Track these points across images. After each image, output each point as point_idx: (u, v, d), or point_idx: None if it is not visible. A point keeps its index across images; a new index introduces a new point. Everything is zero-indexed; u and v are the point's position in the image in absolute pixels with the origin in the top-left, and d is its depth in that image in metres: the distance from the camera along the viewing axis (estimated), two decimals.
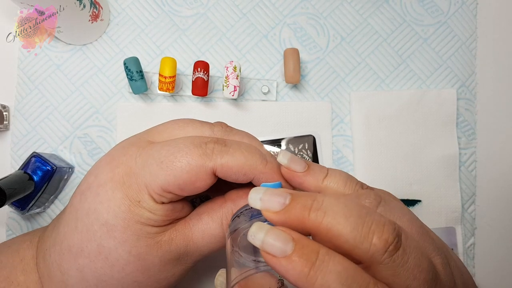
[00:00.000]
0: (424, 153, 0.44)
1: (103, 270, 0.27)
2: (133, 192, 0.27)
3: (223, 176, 0.27)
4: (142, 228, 0.27)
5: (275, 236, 0.20)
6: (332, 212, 0.20)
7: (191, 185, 0.26)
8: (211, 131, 0.30)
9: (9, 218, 0.43)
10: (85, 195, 0.27)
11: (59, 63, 0.44)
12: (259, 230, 0.20)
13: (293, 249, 0.19)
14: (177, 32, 0.45)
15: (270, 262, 0.19)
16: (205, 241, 0.28)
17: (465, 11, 0.46)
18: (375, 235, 0.20)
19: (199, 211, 0.29)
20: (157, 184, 0.26)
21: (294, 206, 0.21)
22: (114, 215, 0.26)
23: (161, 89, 0.40)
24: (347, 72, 0.45)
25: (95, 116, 0.44)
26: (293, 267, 0.19)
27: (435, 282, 0.21)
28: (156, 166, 0.26)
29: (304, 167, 0.26)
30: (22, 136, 0.43)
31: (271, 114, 0.44)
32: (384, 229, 0.20)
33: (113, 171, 0.27)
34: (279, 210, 0.21)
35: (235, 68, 0.40)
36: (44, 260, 0.29)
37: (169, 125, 0.30)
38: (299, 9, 0.45)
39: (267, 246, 0.20)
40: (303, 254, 0.19)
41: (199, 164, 0.26)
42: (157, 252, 0.27)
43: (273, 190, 0.22)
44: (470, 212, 0.45)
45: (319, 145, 0.44)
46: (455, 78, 0.45)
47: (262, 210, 0.21)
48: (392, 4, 0.45)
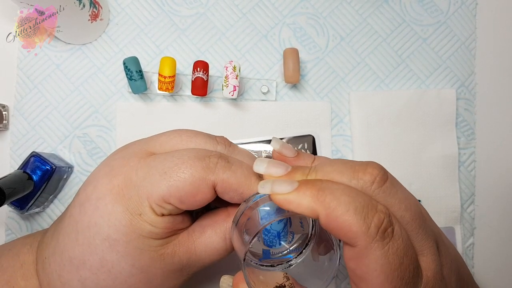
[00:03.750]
0: (424, 153, 0.44)
1: (105, 282, 0.27)
2: (134, 205, 0.27)
3: (221, 192, 0.27)
4: (145, 242, 0.27)
5: (282, 181, 0.23)
6: (325, 170, 0.25)
7: (192, 197, 0.27)
8: (215, 147, 0.30)
9: (8, 218, 0.43)
10: (85, 207, 0.27)
11: (58, 63, 0.44)
12: (266, 184, 0.24)
13: (298, 184, 0.23)
14: (177, 31, 0.45)
15: (283, 203, 0.23)
16: (207, 254, 0.28)
17: (465, 11, 0.46)
18: (361, 172, 0.24)
19: (202, 224, 0.29)
20: (158, 194, 0.26)
21: (295, 171, 0.25)
22: (115, 229, 0.26)
23: (160, 88, 0.40)
24: (347, 72, 0.45)
25: (94, 115, 0.44)
26: (303, 194, 0.23)
27: (423, 218, 0.24)
28: (159, 177, 0.26)
29: (294, 153, 0.28)
30: (21, 135, 0.43)
31: (270, 114, 0.44)
32: (368, 168, 0.24)
33: (112, 183, 0.27)
34: (284, 173, 0.25)
35: (234, 68, 0.40)
36: (44, 268, 0.29)
37: (172, 137, 0.30)
38: (298, 9, 0.45)
39: (277, 188, 0.23)
40: (308, 183, 0.23)
41: (202, 177, 0.26)
42: (160, 264, 0.27)
43: (275, 162, 0.26)
44: (470, 212, 0.45)
45: (318, 145, 0.44)
46: (454, 78, 0.45)
47: (265, 172, 0.25)
48: (391, 4, 0.46)
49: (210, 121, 0.44)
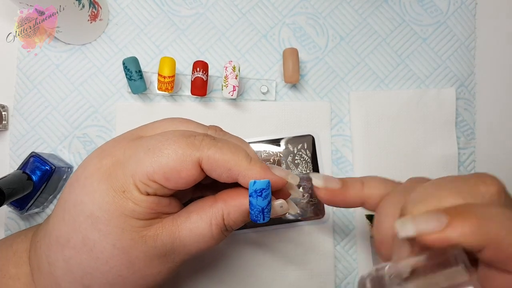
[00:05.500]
0: (423, 152, 0.44)
1: (87, 262, 0.27)
2: (119, 183, 0.27)
3: (208, 169, 0.27)
4: (126, 221, 0.27)
5: (425, 217, 0.21)
6: (433, 194, 0.22)
7: (176, 174, 0.26)
8: (205, 131, 0.30)
9: (8, 218, 0.43)
10: (73, 187, 0.28)
11: (58, 63, 0.44)
12: (406, 222, 0.21)
13: (448, 216, 0.20)
14: (176, 32, 0.45)
15: (437, 243, 0.20)
16: (192, 240, 0.28)
17: (464, 11, 0.46)
18: (481, 186, 0.21)
19: (189, 209, 0.29)
20: (142, 171, 0.26)
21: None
22: (98, 206, 0.26)
23: (160, 89, 0.40)
24: (346, 72, 0.45)
25: (94, 116, 0.44)
26: (461, 227, 0.20)
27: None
28: (143, 154, 0.27)
29: (339, 182, 0.27)
30: (21, 136, 0.43)
31: (270, 114, 0.44)
32: (487, 180, 0.22)
33: (100, 163, 0.28)
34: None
35: (234, 68, 0.40)
36: (35, 252, 0.29)
37: (164, 122, 0.30)
38: (298, 8, 0.45)
39: (423, 225, 0.21)
40: (461, 213, 0.20)
41: (186, 153, 0.26)
42: (142, 247, 0.27)
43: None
44: None
45: (318, 145, 0.44)
46: (454, 78, 0.45)
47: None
48: (391, 4, 0.46)
49: (209, 121, 0.44)
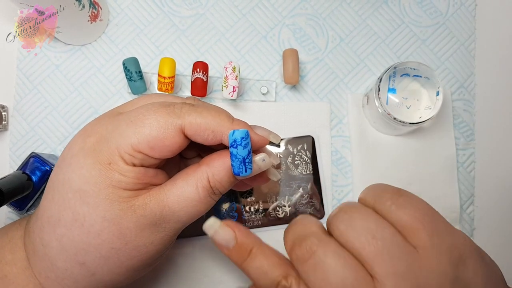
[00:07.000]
0: (423, 153, 0.44)
1: (79, 237, 0.27)
2: (104, 156, 0.27)
3: (192, 135, 0.28)
4: (114, 192, 0.27)
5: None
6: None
7: (160, 142, 0.27)
8: (183, 102, 0.31)
9: (8, 219, 0.43)
10: (60, 167, 0.28)
11: (58, 63, 0.44)
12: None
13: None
14: (176, 32, 0.45)
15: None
16: (180, 206, 0.28)
17: (464, 12, 0.46)
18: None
19: (175, 177, 0.30)
20: (126, 142, 0.27)
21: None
22: (85, 181, 0.27)
23: (160, 89, 0.40)
24: (346, 73, 0.45)
25: (94, 116, 0.44)
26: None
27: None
28: (125, 126, 0.27)
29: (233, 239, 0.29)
30: (20, 136, 0.43)
31: (270, 114, 0.44)
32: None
33: (84, 141, 0.28)
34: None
35: (234, 69, 0.40)
36: (29, 236, 0.29)
37: (142, 98, 0.31)
38: (298, 9, 0.45)
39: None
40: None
41: (168, 121, 0.27)
42: (131, 217, 0.27)
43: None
44: (469, 213, 0.45)
45: (318, 145, 0.44)
46: (453, 79, 0.45)
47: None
48: (390, 5, 0.46)
49: None
